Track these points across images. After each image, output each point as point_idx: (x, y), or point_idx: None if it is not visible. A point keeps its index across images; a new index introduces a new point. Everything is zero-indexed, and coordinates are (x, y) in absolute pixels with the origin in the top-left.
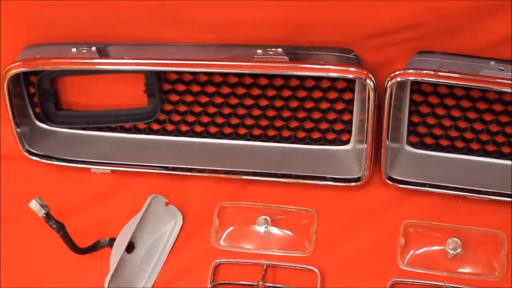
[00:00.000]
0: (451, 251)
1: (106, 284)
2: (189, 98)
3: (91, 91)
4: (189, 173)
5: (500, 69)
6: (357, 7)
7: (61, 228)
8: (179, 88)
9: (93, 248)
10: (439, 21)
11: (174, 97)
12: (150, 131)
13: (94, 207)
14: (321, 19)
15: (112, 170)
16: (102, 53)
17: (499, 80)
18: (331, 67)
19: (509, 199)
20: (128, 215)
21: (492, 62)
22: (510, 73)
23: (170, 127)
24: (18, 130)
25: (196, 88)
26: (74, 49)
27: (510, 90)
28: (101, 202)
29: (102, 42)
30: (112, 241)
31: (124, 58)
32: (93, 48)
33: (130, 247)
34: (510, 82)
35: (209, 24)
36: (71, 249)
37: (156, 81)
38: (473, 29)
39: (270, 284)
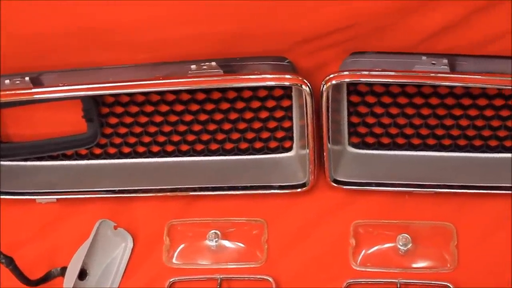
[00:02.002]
0: (402, 247)
1: None
2: (128, 120)
3: (29, 121)
4: (136, 195)
5: (432, 63)
6: (286, 15)
7: (10, 262)
8: (117, 111)
9: (45, 279)
10: (368, 22)
11: (113, 120)
12: (92, 156)
13: (42, 238)
14: (252, 30)
15: (57, 199)
16: (36, 82)
17: (432, 74)
18: (267, 76)
19: (454, 191)
20: (78, 242)
21: (424, 57)
22: (442, 67)
23: (112, 150)
24: None
25: (134, 109)
26: (7, 81)
27: (444, 84)
28: (49, 232)
29: (35, 71)
30: (63, 270)
31: (58, 86)
32: (26, 78)
33: (82, 274)
34: (443, 75)
35: (140, 44)
36: (22, 282)
37: (93, 106)
38: (402, 26)
39: None
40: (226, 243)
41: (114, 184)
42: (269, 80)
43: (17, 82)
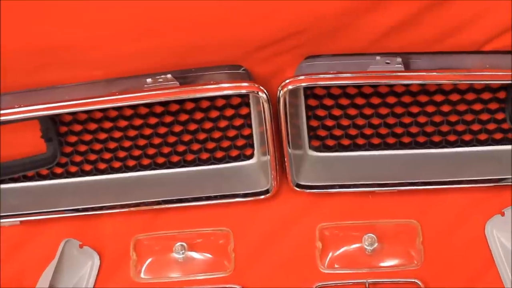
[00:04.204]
0: (368, 247)
1: None
2: (88, 137)
3: None
4: (100, 212)
5: (386, 63)
6: (238, 23)
7: None
8: (75, 129)
9: None
10: (320, 25)
11: (72, 138)
12: (53, 175)
13: (8, 262)
14: (206, 40)
15: (21, 221)
16: None
17: (387, 74)
18: (223, 85)
19: (416, 187)
20: (44, 264)
21: (378, 57)
22: (397, 65)
23: (73, 168)
24: None
25: (92, 126)
26: None
27: (399, 82)
28: (14, 255)
29: None
30: None
31: (14, 107)
32: None
33: None
34: (398, 74)
35: (95, 60)
36: None
37: (51, 125)
38: (355, 27)
39: None
40: (194, 254)
41: (77, 203)
42: (226, 89)
43: None
